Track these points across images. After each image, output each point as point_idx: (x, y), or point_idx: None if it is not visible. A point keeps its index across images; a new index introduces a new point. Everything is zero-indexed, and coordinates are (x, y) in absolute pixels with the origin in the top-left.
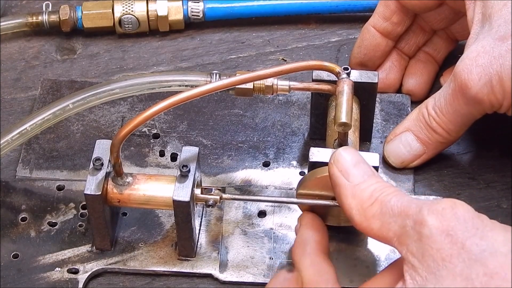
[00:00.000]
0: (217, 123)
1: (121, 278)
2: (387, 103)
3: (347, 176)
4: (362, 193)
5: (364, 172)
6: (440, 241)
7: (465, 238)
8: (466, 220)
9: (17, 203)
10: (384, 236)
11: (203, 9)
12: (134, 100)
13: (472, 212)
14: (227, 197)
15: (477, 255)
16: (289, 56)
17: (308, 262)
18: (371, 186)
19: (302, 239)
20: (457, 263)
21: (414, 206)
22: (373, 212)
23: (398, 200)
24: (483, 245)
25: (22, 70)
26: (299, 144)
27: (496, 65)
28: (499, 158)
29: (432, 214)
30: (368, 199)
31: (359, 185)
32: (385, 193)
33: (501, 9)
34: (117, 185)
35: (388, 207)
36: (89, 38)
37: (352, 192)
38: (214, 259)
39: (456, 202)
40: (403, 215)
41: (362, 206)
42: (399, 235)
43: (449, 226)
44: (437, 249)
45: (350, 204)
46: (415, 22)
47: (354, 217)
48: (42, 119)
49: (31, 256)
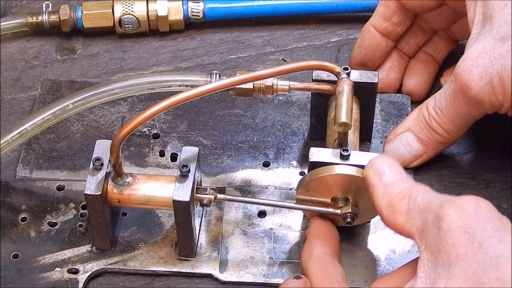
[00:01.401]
0: (217, 123)
1: (121, 278)
2: (387, 103)
3: (380, 177)
4: (392, 190)
5: (397, 174)
6: (457, 237)
7: (483, 238)
8: (487, 220)
9: (17, 203)
10: (407, 230)
11: (203, 9)
12: (134, 100)
13: (494, 212)
14: (222, 198)
15: (493, 258)
16: (289, 56)
17: (315, 266)
18: (401, 185)
19: (310, 244)
20: (471, 263)
21: (437, 201)
22: (400, 208)
23: (424, 197)
24: (501, 248)
25: (22, 70)
26: (299, 144)
27: (496, 65)
28: (499, 158)
29: (453, 208)
30: (396, 196)
31: (391, 184)
32: (414, 190)
33: (502, 9)
34: (117, 185)
35: (414, 203)
36: (89, 38)
37: (383, 190)
38: (214, 259)
39: (480, 200)
40: (427, 210)
41: (391, 202)
42: (421, 230)
43: (468, 223)
44: (453, 244)
45: (380, 201)
46: (415, 22)
47: (383, 213)
48: (42, 119)
49: (31, 256)
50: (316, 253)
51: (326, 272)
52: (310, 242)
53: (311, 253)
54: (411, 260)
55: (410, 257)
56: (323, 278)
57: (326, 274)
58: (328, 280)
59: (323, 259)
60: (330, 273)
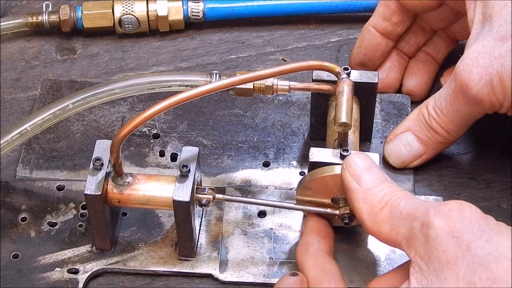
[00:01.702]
0: (217, 123)
1: (121, 278)
2: (387, 103)
3: (358, 181)
4: (373, 197)
5: (376, 177)
6: (446, 242)
7: (471, 240)
8: (472, 222)
9: (17, 203)
10: (393, 239)
11: (203, 9)
12: (134, 100)
13: (479, 214)
14: (221, 198)
15: (482, 258)
16: (289, 56)
17: (312, 262)
18: (382, 190)
19: (305, 241)
20: (461, 265)
21: (421, 208)
22: (383, 216)
23: (407, 203)
24: (488, 248)
25: (22, 70)
26: (299, 144)
27: (496, 65)
28: (499, 158)
29: (438, 215)
30: (378, 203)
31: (371, 189)
32: (395, 197)
33: (502, 9)
34: (117, 185)
35: (397, 211)
36: (89, 38)
37: (363, 196)
38: (214, 259)
39: (463, 204)
40: (411, 218)
41: (373, 210)
42: (408, 238)
43: (455, 228)
44: (443, 250)
45: (361, 209)
46: (415, 22)
47: (365, 221)
48: (42, 119)
49: (31, 256)
50: (312, 249)
51: (323, 268)
52: (306, 239)
53: (308, 249)
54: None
55: None
56: (320, 274)
57: (323, 270)
58: (326, 276)
59: (320, 255)
60: (327, 269)
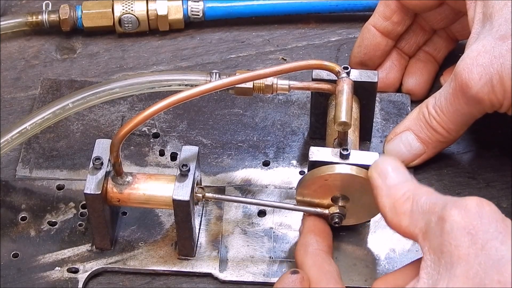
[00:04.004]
0: (217, 122)
1: (121, 277)
2: (387, 102)
3: (384, 179)
4: (396, 192)
5: (401, 175)
6: (460, 238)
7: (486, 240)
8: (490, 221)
9: (17, 203)
10: (411, 232)
11: (203, 8)
12: (134, 100)
13: (498, 214)
14: (210, 197)
15: (495, 260)
16: (289, 55)
17: (310, 262)
18: (405, 187)
19: (304, 241)
20: (473, 264)
21: (440, 202)
22: (404, 209)
23: (427, 198)
24: (503, 250)
25: (22, 70)
26: (299, 143)
27: (496, 64)
28: (499, 157)
29: (456, 209)
30: (400, 198)
31: (395, 186)
32: (417, 192)
33: (502, 8)
34: (117, 185)
35: (418, 205)
36: (89, 38)
37: (387, 192)
38: (214, 258)
39: (483, 201)
40: (430, 212)
41: (394, 204)
42: (424, 232)
43: (471, 224)
44: (456, 245)
45: (384, 203)
46: (415, 22)
47: (387, 215)
48: (42, 119)
49: (31, 255)
50: (311, 249)
51: (322, 268)
52: (305, 238)
53: (307, 249)
54: (413, 260)
55: (410, 256)
56: (319, 274)
57: (322, 270)
58: (324, 276)
59: (319, 255)
60: (326, 269)
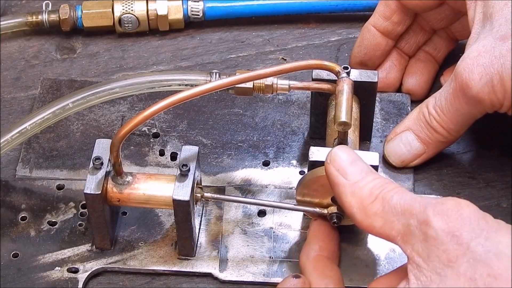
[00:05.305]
0: (217, 122)
1: (121, 277)
2: (387, 102)
3: (344, 175)
4: (362, 190)
5: (361, 169)
6: (446, 242)
7: (470, 239)
8: (471, 221)
9: (17, 203)
10: (386, 234)
11: (203, 8)
12: (134, 100)
13: (477, 212)
14: (210, 197)
15: (482, 256)
16: (289, 55)
17: (312, 267)
18: (370, 183)
19: (308, 246)
20: (461, 263)
21: (418, 205)
22: (375, 209)
23: (400, 198)
24: (488, 246)
25: (22, 70)
26: (299, 143)
27: (497, 64)
28: (499, 157)
29: (438, 215)
30: (368, 197)
31: (358, 182)
32: (386, 190)
33: (502, 8)
34: (117, 185)
35: (390, 205)
36: (89, 38)
37: (351, 190)
38: (214, 258)
39: (461, 203)
40: (407, 214)
41: (363, 204)
42: (403, 234)
43: (455, 227)
44: (443, 250)
45: (350, 202)
46: (415, 22)
47: (355, 215)
48: (42, 118)
49: (31, 255)
50: (313, 254)
51: (322, 273)
52: (309, 244)
53: (309, 255)
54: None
55: None
56: (319, 279)
57: (321, 275)
58: (323, 281)
59: (321, 260)
60: (326, 274)
